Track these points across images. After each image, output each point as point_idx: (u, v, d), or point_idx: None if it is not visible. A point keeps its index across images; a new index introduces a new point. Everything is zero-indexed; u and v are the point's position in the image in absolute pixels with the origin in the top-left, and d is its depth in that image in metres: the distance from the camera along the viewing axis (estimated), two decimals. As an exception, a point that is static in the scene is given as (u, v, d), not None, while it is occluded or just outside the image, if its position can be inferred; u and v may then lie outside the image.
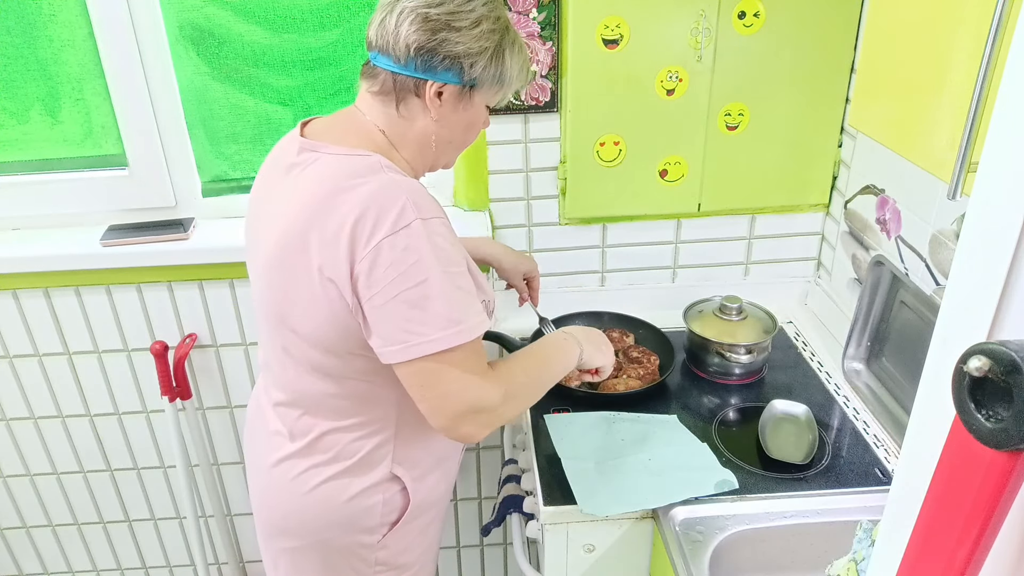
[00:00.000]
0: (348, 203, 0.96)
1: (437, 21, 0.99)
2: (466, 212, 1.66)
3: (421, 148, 1.09)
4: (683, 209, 1.66)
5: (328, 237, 0.96)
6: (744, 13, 1.47)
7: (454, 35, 1.00)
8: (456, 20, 1.00)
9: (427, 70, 1.01)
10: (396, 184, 0.98)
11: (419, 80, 1.02)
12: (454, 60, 1.01)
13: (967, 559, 0.47)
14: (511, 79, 1.08)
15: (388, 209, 0.94)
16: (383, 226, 0.94)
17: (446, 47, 1.00)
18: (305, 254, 0.98)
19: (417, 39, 0.99)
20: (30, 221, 1.66)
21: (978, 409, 0.45)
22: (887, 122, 1.00)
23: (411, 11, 0.99)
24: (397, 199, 0.95)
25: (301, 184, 1.02)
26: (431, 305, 0.95)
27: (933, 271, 1.29)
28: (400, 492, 1.16)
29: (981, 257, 0.47)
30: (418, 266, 0.94)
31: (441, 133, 1.08)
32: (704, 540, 1.16)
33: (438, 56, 1.00)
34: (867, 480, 1.27)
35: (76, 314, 1.67)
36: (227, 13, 1.53)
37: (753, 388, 1.52)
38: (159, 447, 1.85)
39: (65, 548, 1.99)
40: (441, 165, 1.16)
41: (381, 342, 0.98)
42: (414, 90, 1.03)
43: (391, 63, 1.02)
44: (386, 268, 0.94)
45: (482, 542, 2.03)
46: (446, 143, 1.10)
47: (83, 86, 1.58)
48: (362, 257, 0.94)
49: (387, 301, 0.95)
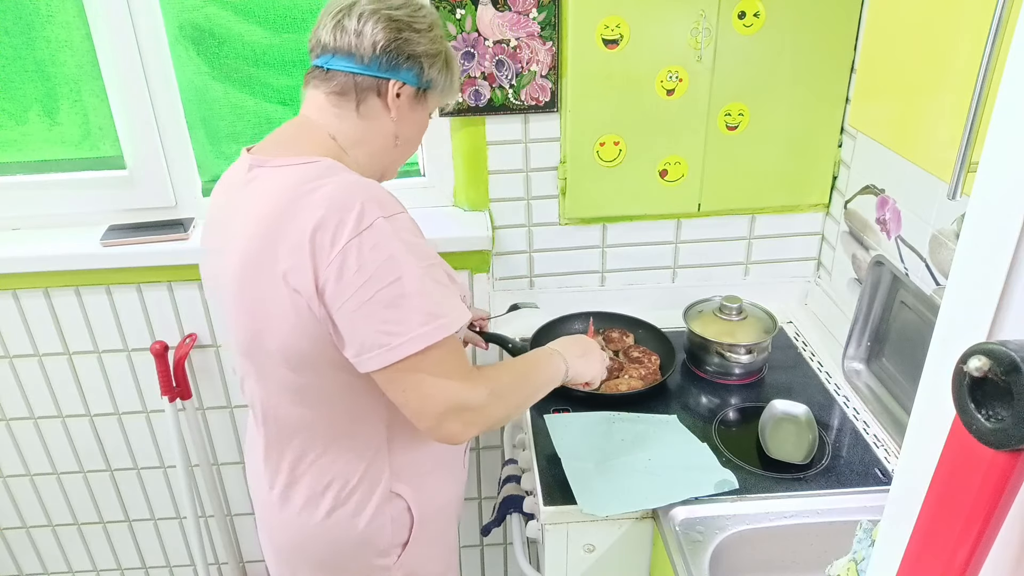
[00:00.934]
0: (305, 209, 0.93)
1: (400, 21, 1.02)
2: (466, 212, 1.66)
3: (378, 150, 1.08)
4: (683, 209, 1.66)
5: (290, 245, 0.93)
6: (744, 13, 1.47)
7: (415, 36, 1.03)
8: (416, 22, 1.04)
9: (390, 69, 1.03)
10: (353, 184, 0.95)
11: (381, 79, 1.03)
12: (415, 60, 1.04)
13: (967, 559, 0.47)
14: (453, 86, 1.13)
15: (348, 210, 0.91)
16: (345, 228, 0.91)
17: (409, 47, 1.03)
18: (269, 266, 0.95)
19: (384, 38, 1.01)
20: (30, 221, 1.66)
21: (978, 409, 0.45)
22: (887, 122, 1.00)
23: (373, 12, 1.01)
24: (356, 199, 0.93)
25: (254, 200, 0.99)
26: (408, 302, 0.92)
27: (933, 271, 1.29)
28: (405, 509, 1.13)
29: (981, 257, 0.47)
30: (389, 264, 0.92)
31: (400, 133, 1.09)
32: (704, 540, 1.16)
33: (402, 55, 1.03)
34: (867, 480, 1.27)
35: (76, 314, 1.67)
36: (227, 13, 1.53)
37: (753, 388, 1.52)
38: (159, 447, 1.85)
39: (65, 548, 1.99)
40: (387, 175, 1.15)
41: (359, 349, 0.94)
42: (375, 90, 1.04)
43: (352, 64, 1.03)
44: (355, 271, 0.91)
45: (482, 542, 2.03)
46: (402, 145, 1.11)
47: (81, 87, 1.58)
48: (327, 264, 0.91)
49: (361, 305, 0.92)
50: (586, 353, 1.22)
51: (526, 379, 1.12)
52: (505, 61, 1.51)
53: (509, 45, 1.50)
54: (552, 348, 1.20)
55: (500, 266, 1.72)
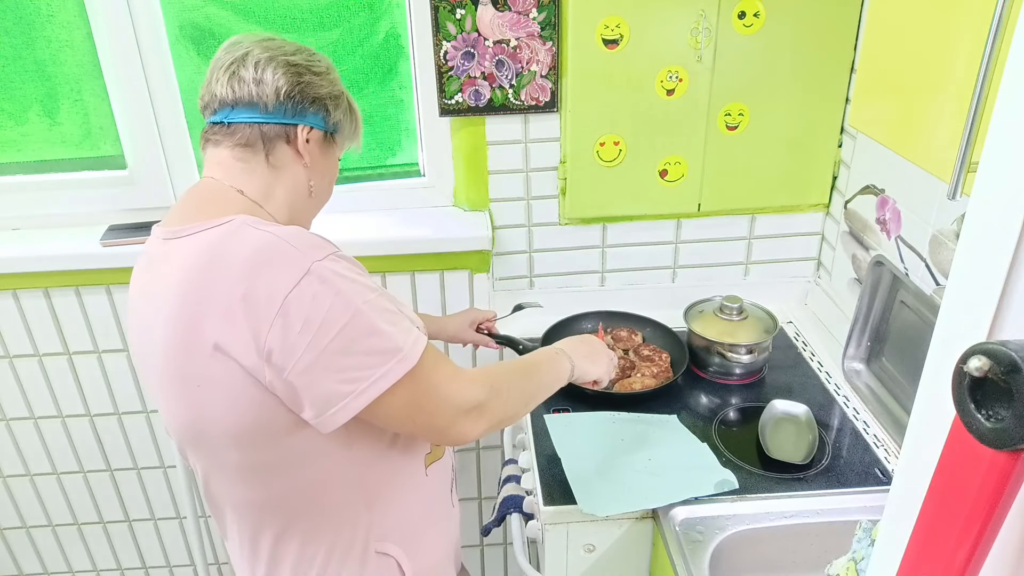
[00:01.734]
0: (226, 273, 0.86)
1: (299, 66, 1.01)
2: (466, 212, 1.66)
3: (294, 200, 1.04)
4: (683, 209, 1.66)
5: (218, 314, 0.86)
6: (744, 13, 1.47)
7: (316, 79, 1.02)
8: (313, 66, 1.02)
9: (296, 114, 1.01)
10: (271, 237, 0.89)
11: (289, 126, 1.01)
12: (320, 103, 1.03)
13: (967, 559, 0.47)
14: (358, 130, 1.12)
15: (275, 266, 0.86)
16: (278, 285, 0.85)
17: (312, 89, 1.01)
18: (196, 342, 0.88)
19: (286, 82, 0.99)
20: (30, 221, 1.66)
21: (978, 409, 0.44)
22: (887, 122, 1.00)
23: (270, 60, 0.99)
24: (280, 253, 0.87)
25: (169, 274, 0.92)
26: (361, 345, 0.87)
27: (933, 271, 1.29)
28: (396, 569, 1.06)
29: (981, 257, 0.47)
30: (333, 311, 0.85)
31: (312, 181, 1.05)
32: (704, 540, 1.16)
33: (307, 98, 1.01)
34: (867, 480, 1.27)
35: (76, 314, 1.67)
36: (227, 13, 1.53)
37: (753, 388, 1.52)
38: (159, 447, 1.85)
39: (65, 548, 1.99)
40: (304, 224, 1.08)
41: (321, 407, 0.88)
42: (284, 136, 1.01)
43: (256, 113, 0.99)
44: (301, 328, 0.84)
45: (482, 542, 2.04)
46: (315, 193, 1.07)
47: (81, 87, 1.58)
48: (268, 327, 0.84)
49: (314, 360, 0.85)
50: (592, 353, 1.21)
51: (527, 376, 1.10)
52: (505, 61, 1.51)
53: (509, 45, 1.50)
54: (557, 347, 1.19)
55: (500, 266, 1.72)
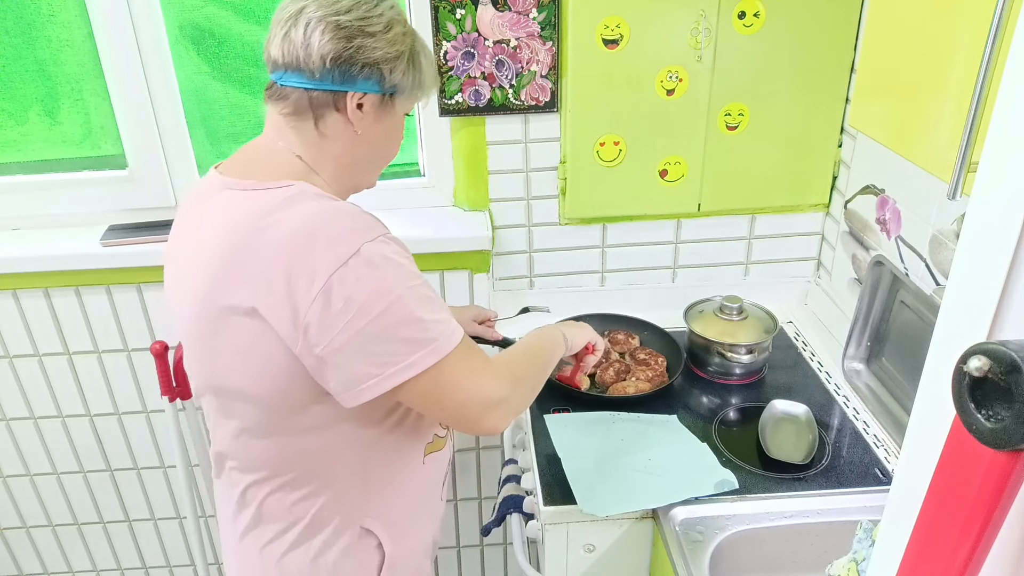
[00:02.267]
0: (271, 246, 0.87)
1: (350, 28, 0.93)
2: (466, 212, 1.66)
3: (344, 167, 1.02)
4: (683, 209, 1.66)
5: (257, 285, 0.87)
6: (744, 13, 1.47)
7: (369, 40, 0.94)
8: (369, 25, 0.94)
9: (345, 81, 0.95)
10: (323, 212, 0.89)
11: (338, 93, 0.96)
12: (373, 67, 0.95)
13: (967, 559, 0.47)
14: (427, 83, 1.03)
15: (322, 243, 0.86)
16: (323, 263, 0.85)
17: (363, 54, 0.94)
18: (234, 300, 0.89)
19: (333, 48, 0.93)
20: (30, 221, 1.66)
21: (978, 409, 0.45)
22: (887, 122, 1.00)
23: (319, 21, 0.93)
24: (329, 230, 0.87)
25: (215, 230, 0.92)
26: (398, 333, 0.88)
27: (933, 271, 1.29)
28: (376, 548, 1.07)
29: (981, 257, 0.47)
30: (375, 296, 0.86)
31: (365, 147, 1.01)
32: (704, 540, 1.16)
33: (356, 64, 0.94)
34: (867, 480, 1.27)
35: (76, 314, 1.67)
36: (227, 13, 1.53)
37: (753, 388, 1.52)
38: (159, 447, 1.85)
39: (65, 548, 1.99)
40: (365, 184, 1.08)
41: (348, 383, 0.89)
42: (333, 104, 0.96)
43: (304, 79, 0.95)
44: (341, 307, 0.85)
45: (482, 542, 2.03)
46: (370, 158, 1.04)
47: (82, 86, 1.58)
48: (310, 302, 0.85)
49: (349, 339, 0.86)
50: (572, 324, 1.29)
51: (536, 355, 1.14)
52: (505, 61, 1.51)
53: (509, 45, 1.50)
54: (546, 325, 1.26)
55: (500, 266, 1.72)
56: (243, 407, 0.96)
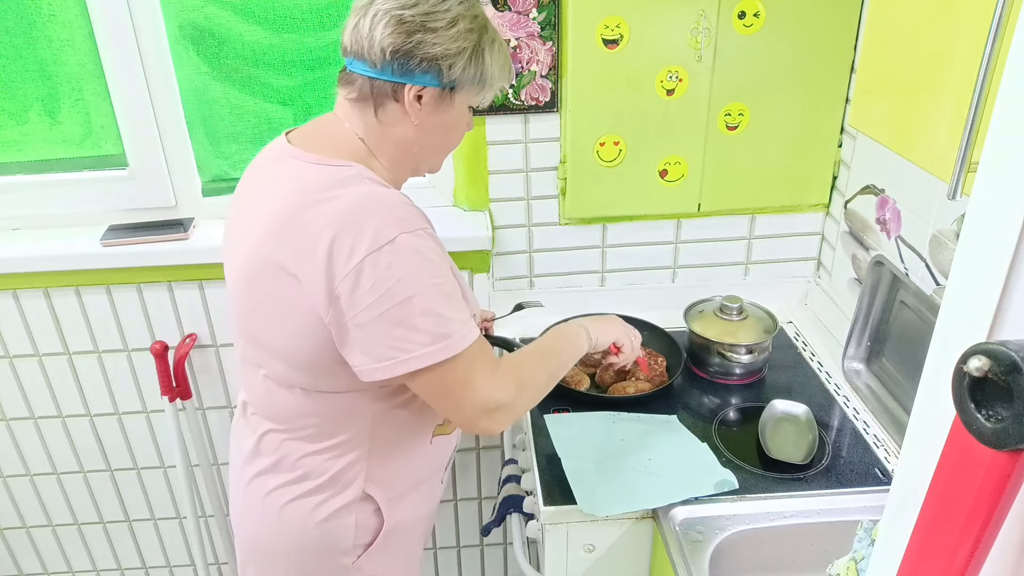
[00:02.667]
0: (322, 217, 0.93)
1: (412, 23, 0.96)
2: (466, 212, 1.66)
3: (401, 154, 1.06)
4: (683, 209, 1.66)
5: (303, 250, 0.93)
6: (744, 13, 1.47)
7: (430, 36, 0.97)
8: (432, 21, 0.97)
9: (404, 73, 0.98)
10: (374, 197, 0.95)
11: (397, 84, 0.99)
12: (432, 62, 0.98)
13: (967, 559, 0.47)
14: (492, 78, 1.05)
15: (366, 225, 0.91)
16: (363, 243, 0.91)
17: (423, 49, 0.97)
18: (280, 263, 0.95)
19: (392, 42, 0.96)
20: (30, 221, 1.66)
21: (978, 409, 0.45)
22: (887, 122, 1.00)
23: (384, 13, 0.96)
24: (375, 214, 0.92)
25: (276, 193, 0.99)
26: (416, 323, 0.93)
27: (933, 271, 1.29)
28: (374, 512, 1.13)
29: (981, 257, 0.47)
30: (401, 284, 0.92)
31: (422, 137, 1.05)
32: (704, 540, 1.16)
33: (415, 59, 0.97)
34: (867, 480, 1.27)
35: (76, 314, 1.67)
36: (227, 13, 1.53)
37: (753, 388, 1.52)
38: (159, 447, 1.85)
39: (65, 548, 1.99)
40: (425, 170, 1.13)
41: (365, 359, 0.95)
42: (392, 95, 1.00)
43: (367, 68, 0.99)
44: (369, 287, 0.91)
45: (482, 542, 2.03)
46: (427, 147, 1.08)
47: (83, 86, 1.58)
48: (344, 276, 0.91)
49: (371, 319, 0.92)
50: (602, 319, 1.27)
51: (547, 359, 1.14)
52: (505, 61, 1.51)
53: (509, 45, 1.50)
54: (570, 321, 1.25)
55: (500, 266, 1.72)
56: (272, 360, 1.03)
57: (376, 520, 1.13)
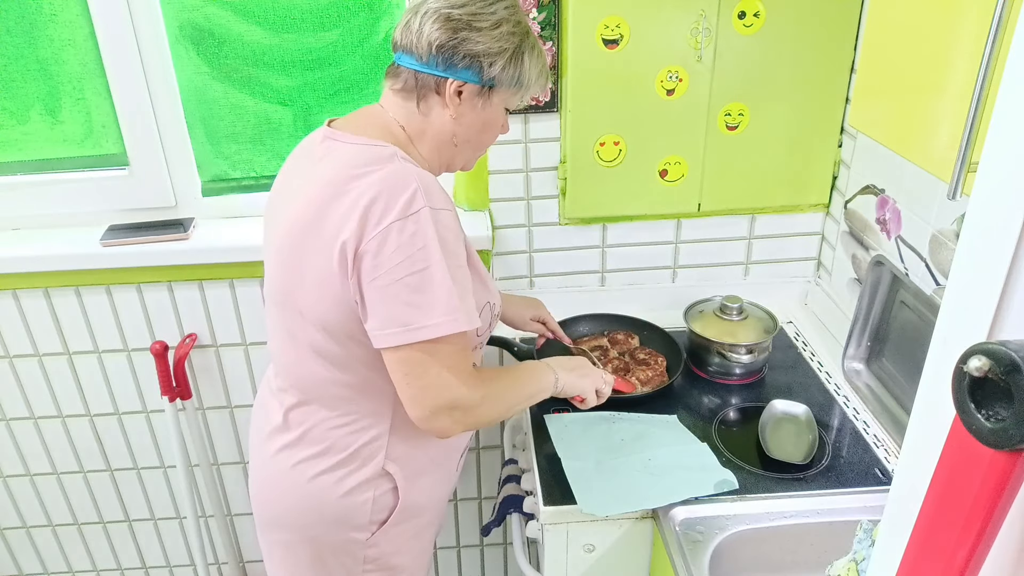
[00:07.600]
0: (362, 186, 0.99)
1: (459, 21, 1.04)
2: (466, 212, 1.66)
3: (439, 145, 1.13)
4: (683, 209, 1.66)
5: (342, 213, 0.99)
6: (744, 13, 1.47)
7: (474, 35, 1.05)
8: (477, 21, 1.05)
9: (447, 68, 1.06)
10: (409, 172, 1.01)
11: (439, 78, 1.07)
12: (473, 59, 1.06)
13: (967, 559, 0.47)
14: (529, 82, 1.13)
15: (399, 194, 0.98)
16: (393, 210, 0.97)
17: (466, 46, 1.05)
18: (319, 230, 1.01)
19: (439, 37, 1.04)
20: (30, 221, 1.66)
21: (978, 409, 0.45)
22: (887, 122, 1.00)
23: (434, 12, 1.05)
24: (408, 185, 0.99)
25: (320, 169, 1.07)
26: (431, 291, 0.99)
27: (933, 271, 1.29)
28: (391, 491, 1.17)
29: (981, 257, 0.47)
30: (423, 252, 0.98)
31: (459, 131, 1.12)
32: (704, 540, 1.16)
33: (458, 54, 1.05)
34: (867, 480, 1.27)
35: (76, 314, 1.67)
36: (227, 13, 1.53)
37: (753, 388, 1.52)
38: (159, 447, 1.85)
39: (65, 548, 1.99)
40: (458, 166, 1.19)
41: (378, 324, 1.00)
42: (435, 88, 1.08)
43: (414, 61, 1.07)
44: (393, 251, 0.97)
45: (482, 542, 2.03)
46: (463, 141, 1.14)
47: (83, 85, 1.58)
48: (371, 237, 0.97)
49: (390, 283, 0.98)
50: (579, 367, 1.29)
51: (519, 386, 1.18)
52: (505, 61, 1.51)
53: (509, 45, 1.50)
54: (546, 361, 1.27)
55: (500, 266, 1.72)
56: (308, 327, 1.08)
57: (392, 499, 1.17)
